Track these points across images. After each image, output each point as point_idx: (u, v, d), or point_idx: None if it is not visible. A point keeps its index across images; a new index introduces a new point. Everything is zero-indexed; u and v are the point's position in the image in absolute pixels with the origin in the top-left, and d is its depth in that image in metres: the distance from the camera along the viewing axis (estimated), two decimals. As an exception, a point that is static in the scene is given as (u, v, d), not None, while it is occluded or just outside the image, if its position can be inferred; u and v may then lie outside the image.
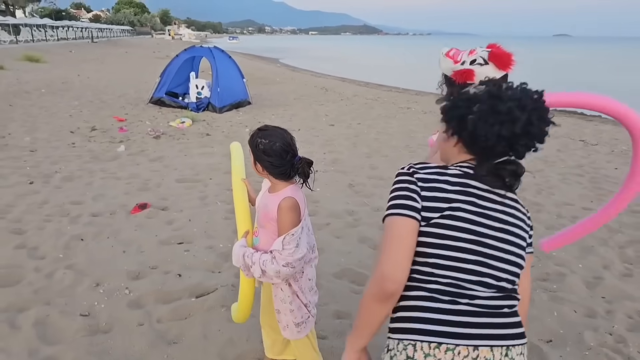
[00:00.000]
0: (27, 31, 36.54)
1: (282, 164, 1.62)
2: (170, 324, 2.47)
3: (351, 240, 3.61)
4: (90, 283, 2.86)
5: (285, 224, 1.60)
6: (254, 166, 1.67)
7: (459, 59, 1.52)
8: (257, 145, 1.62)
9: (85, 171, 5.16)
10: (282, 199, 1.62)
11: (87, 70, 16.80)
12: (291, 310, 1.74)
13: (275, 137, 1.62)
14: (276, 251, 1.59)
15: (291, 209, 1.61)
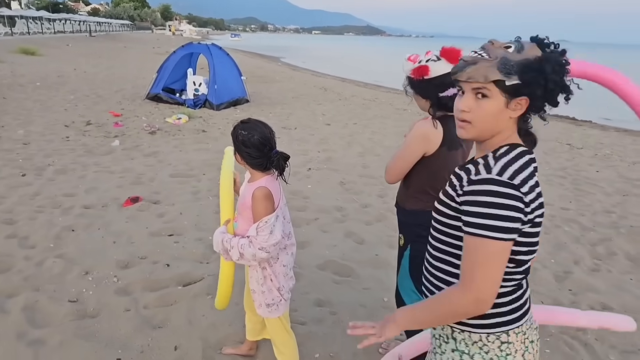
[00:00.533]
0: (22, 23, 36.60)
1: (259, 156, 1.76)
2: (156, 310, 2.60)
3: (337, 234, 3.76)
4: (79, 271, 2.98)
5: (258, 211, 1.75)
6: (235, 156, 1.82)
7: (417, 60, 1.73)
8: (237, 136, 1.77)
9: (78, 164, 5.28)
10: (256, 188, 1.77)
11: (84, 64, 16.94)
12: (262, 292, 1.90)
13: (255, 130, 1.76)
14: (252, 236, 1.74)
15: (264, 197, 1.75)
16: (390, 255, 3.41)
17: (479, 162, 1.08)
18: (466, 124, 1.08)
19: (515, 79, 1.01)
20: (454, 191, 1.10)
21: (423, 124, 1.77)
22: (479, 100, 1.05)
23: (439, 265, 1.19)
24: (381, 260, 3.36)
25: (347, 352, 2.36)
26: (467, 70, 1.04)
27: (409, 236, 1.93)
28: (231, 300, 2.65)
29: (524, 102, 1.04)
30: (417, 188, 1.87)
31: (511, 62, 1.01)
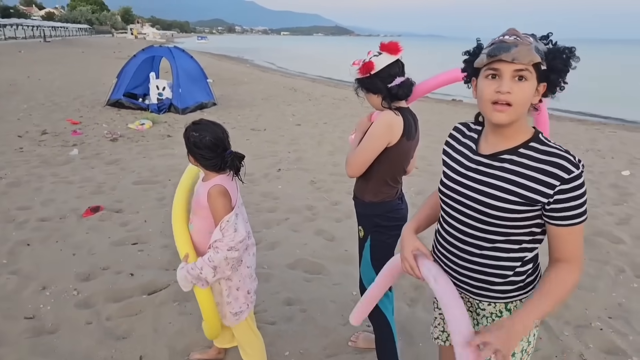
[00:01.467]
0: (-29, 30, 35.11)
1: (212, 157, 1.75)
2: (120, 321, 2.55)
3: (308, 233, 3.80)
4: (36, 287, 2.88)
5: (217, 209, 1.74)
6: (188, 157, 1.82)
7: (359, 61, 1.86)
8: (189, 137, 1.76)
9: (33, 176, 5.10)
10: (211, 186, 1.76)
11: (38, 71, 16.35)
12: (228, 303, 1.88)
13: (206, 131, 1.75)
14: (217, 241, 1.72)
15: (220, 194, 1.74)
16: (359, 249, 3.49)
17: (559, 162, 1.10)
18: (506, 107, 1.10)
19: (544, 65, 1.10)
20: (536, 192, 1.12)
21: (386, 114, 1.81)
22: (518, 82, 1.09)
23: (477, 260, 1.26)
24: (351, 255, 3.41)
25: (317, 347, 2.39)
26: (512, 51, 1.07)
27: (368, 227, 1.99)
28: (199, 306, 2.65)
29: (542, 88, 1.13)
30: (377, 180, 1.91)
31: (539, 49, 1.09)
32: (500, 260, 1.23)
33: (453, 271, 1.32)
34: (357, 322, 1.80)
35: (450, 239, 1.31)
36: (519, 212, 1.16)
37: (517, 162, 1.16)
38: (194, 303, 2.69)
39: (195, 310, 2.63)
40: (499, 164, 1.19)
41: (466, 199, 1.24)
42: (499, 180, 1.17)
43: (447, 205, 1.31)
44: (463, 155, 1.30)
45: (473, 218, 1.23)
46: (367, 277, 2.04)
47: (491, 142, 1.22)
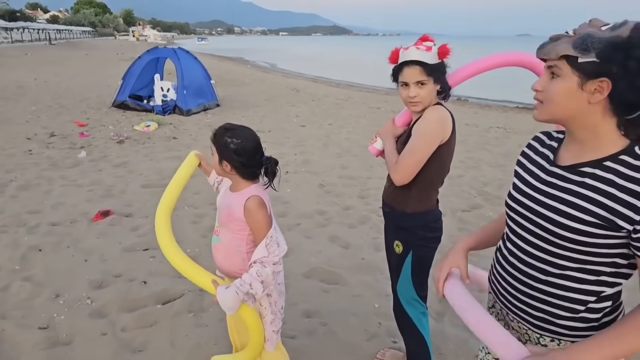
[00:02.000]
0: (-23, 33, 34.88)
1: (252, 164, 1.63)
2: (135, 332, 2.44)
3: (321, 239, 3.66)
4: (49, 294, 2.78)
5: (259, 223, 1.60)
6: (219, 165, 1.64)
7: (429, 45, 1.66)
8: (228, 144, 1.59)
9: (43, 179, 4.99)
10: (246, 198, 1.62)
11: (45, 73, 16.19)
12: (271, 321, 1.75)
13: (247, 137, 1.62)
14: (262, 258, 1.59)
15: (259, 206, 1.61)
16: (377, 258, 3.34)
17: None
18: (539, 104, 1.04)
19: (592, 56, 0.91)
20: (616, 215, 0.93)
21: (438, 109, 1.66)
22: (550, 80, 1.00)
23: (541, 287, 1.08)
24: (368, 264, 3.27)
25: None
26: (546, 47, 0.99)
27: (410, 241, 1.80)
28: (216, 317, 2.55)
29: (605, 85, 0.92)
30: (424, 185, 1.73)
31: (594, 39, 0.91)
32: (569, 291, 1.04)
33: (511, 296, 1.15)
34: None
35: (513, 260, 1.13)
36: (595, 237, 0.96)
37: (600, 177, 0.97)
38: (210, 314, 2.60)
39: (211, 321, 2.53)
40: (578, 179, 1.00)
41: (535, 215, 1.06)
42: (575, 196, 0.99)
43: (513, 221, 1.14)
44: (538, 166, 1.12)
45: (541, 238, 1.05)
46: (405, 296, 1.88)
47: (572, 152, 1.05)
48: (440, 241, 1.86)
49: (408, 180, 1.69)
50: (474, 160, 6.24)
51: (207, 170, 1.91)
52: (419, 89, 1.64)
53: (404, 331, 1.97)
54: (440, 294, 1.24)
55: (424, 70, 1.61)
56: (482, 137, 7.81)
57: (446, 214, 4.21)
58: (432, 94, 1.67)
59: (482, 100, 13.82)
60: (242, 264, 1.70)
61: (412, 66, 1.62)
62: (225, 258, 1.73)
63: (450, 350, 2.38)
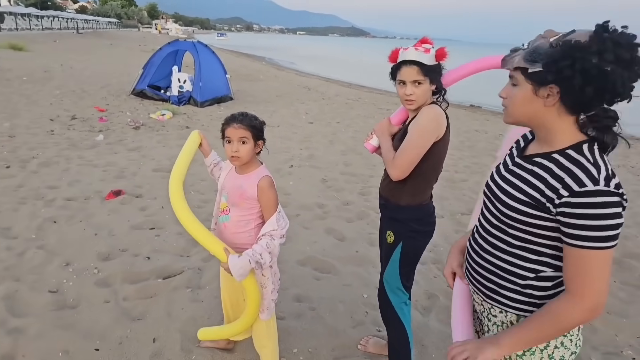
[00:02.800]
0: (11, 20, 35.45)
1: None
2: (136, 302, 2.55)
3: (318, 231, 3.73)
4: (60, 262, 2.90)
5: (271, 200, 1.74)
6: (253, 148, 1.76)
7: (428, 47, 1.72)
8: (261, 124, 1.79)
9: (62, 158, 5.14)
10: (259, 178, 1.75)
11: (70, 60, 16.45)
12: (272, 291, 1.87)
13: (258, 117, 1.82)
14: (271, 231, 1.71)
15: (271, 185, 1.76)
16: (370, 252, 3.40)
17: (576, 172, 0.99)
18: (504, 109, 1.14)
19: (539, 66, 1.01)
20: (544, 197, 1.03)
21: (433, 107, 1.71)
22: (512, 87, 1.10)
23: (492, 260, 1.19)
24: (361, 257, 3.32)
25: (326, 347, 2.31)
26: (507, 59, 1.11)
27: (401, 232, 1.84)
28: (211, 294, 2.65)
29: (555, 90, 1.01)
30: (419, 180, 1.76)
31: (541, 50, 1.01)
32: (513, 265, 1.15)
33: (472, 270, 1.27)
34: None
35: (476, 236, 1.26)
36: (531, 216, 1.06)
37: (544, 166, 1.07)
38: (206, 291, 2.70)
39: (207, 298, 2.63)
40: (529, 166, 1.12)
41: (493, 197, 1.20)
42: (521, 180, 1.11)
43: (483, 203, 1.27)
44: (511, 156, 1.24)
45: (495, 217, 1.17)
46: (391, 285, 1.92)
47: (535, 145, 1.16)
48: (432, 236, 1.90)
49: (405, 175, 1.73)
50: (479, 165, 6.19)
51: (206, 151, 1.99)
52: (415, 87, 1.69)
53: (385, 318, 2.01)
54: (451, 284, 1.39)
55: (421, 70, 1.66)
56: (491, 144, 7.71)
57: (445, 216, 4.20)
58: (427, 94, 1.71)
59: (494, 107, 13.49)
60: (248, 238, 1.81)
61: (410, 66, 1.67)
62: (234, 233, 1.83)
63: (432, 342, 2.43)
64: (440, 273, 3.17)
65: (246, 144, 1.73)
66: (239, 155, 1.73)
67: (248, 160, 1.77)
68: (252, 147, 1.74)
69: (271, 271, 1.86)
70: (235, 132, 1.72)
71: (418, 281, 2.99)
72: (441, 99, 1.80)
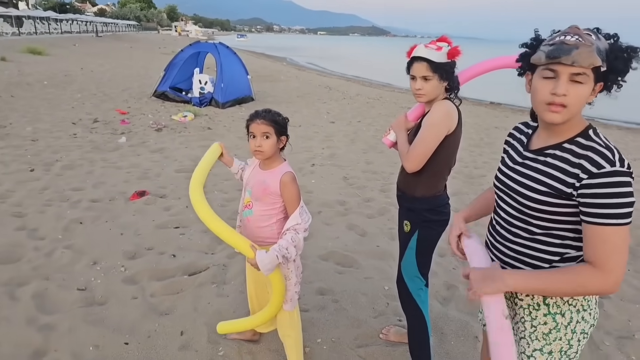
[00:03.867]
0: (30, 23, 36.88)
1: None
2: (163, 298, 2.66)
3: (340, 227, 3.82)
4: (87, 261, 3.05)
5: (293, 195, 1.84)
6: (276, 144, 1.85)
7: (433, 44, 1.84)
8: (283, 119, 1.88)
9: (86, 160, 5.37)
10: (282, 174, 1.85)
11: (90, 63, 17.11)
12: (295, 283, 1.98)
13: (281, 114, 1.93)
14: (295, 225, 1.80)
15: (293, 180, 1.86)
16: (391, 246, 3.47)
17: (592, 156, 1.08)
18: (561, 108, 1.10)
19: (605, 65, 1.08)
20: (565, 185, 1.11)
21: (445, 102, 1.83)
22: (573, 84, 1.08)
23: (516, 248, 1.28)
24: (383, 251, 3.41)
25: (348, 337, 2.42)
26: (572, 54, 1.05)
27: (416, 222, 1.96)
28: (237, 289, 2.75)
29: (599, 87, 1.11)
30: (432, 172, 1.89)
31: (601, 49, 1.07)
32: (538, 251, 1.24)
33: (498, 257, 1.35)
34: None
35: (498, 228, 1.35)
36: (552, 205, 1.15)
37: (558, 156, 1.17)
38: (231, 286, 2.80)
39: (232, 292, 2.73)
40: (542, 158, 1.21)
41: (511, 190, 1.27)
42: (538, 173, 1.19)
43: (497, 197, 1.36)
44: (515, 150, 1.34)
45: (515, 209, 1.26)
46: (408, 272, 2.03)
47: (542, 138, 1.24)
48: (447, 225, 1.99)
49: (418, 168, 1.85)
50: (498, 162, 6.18)
51: (228, 161, 2.09)
52: (424, 82, 1.82)
53: (404, 304, 2.11)
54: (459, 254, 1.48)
55: (429, 66, 1.78)
56: None
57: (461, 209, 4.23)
58: (436, 89, 1.83)
59: (514, 104, 13.54)
60: (270, 233, 1.91)
61: (419, 62, 1.81)
62: (257, 227, 1.93)
63: (451, 330, 2.52)
64: (459, 264, 3.25)
65: (269, 138, 1.83)
66: (261, 150, 1.83)
67: (271, 154, 1.86)
68: (274, 142, 1.84)
69: (294, 265, 1.96)
70: (258, 127, 1.82)
71: (437, 273, 3.10)
72: (453, 95, 1.90)
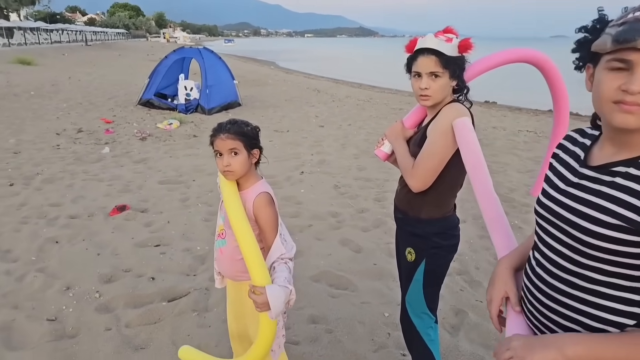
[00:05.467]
0: (20, 34, 36.27)
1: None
2: (139, 329, 2.40)
3: (332, 242, 3.53)
4: (60, 286, 2.78)
5: (269, 220, 1.55)
6: (248, 159, 1.55)
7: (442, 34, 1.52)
8: (252, 130, 1.58)
9: (67, 173, 5.08)
10: (255, 195, 1.55)
11: (78, 72, 16.69)
12: (282, 326, 1.66)
13: (250, 123, 1.61)
14: (281, 256, 1.52)
15: (269, 203, 1.56)
16: (389, 264, 3.17)
17: None
18: (637, 108, 0.80)
19: None
20: (637, 212, 0.80)
21: (456, 107, 1.52)
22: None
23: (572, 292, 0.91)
24: (380, 270, 3.11)
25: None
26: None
27: (423, 249, 1.65)
28: (219, 318, 2.48)
29: None
30: (442, 189, 1.58)
31: None
32: (602, 309, 0.88)
33: (538, 312, 0.98)
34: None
35: (540, 271, 0.98)
36: (625, 244, 0.81)
37: (633, 176, 0.82)
38: (214, 314, 2.53)
39: (214, 322, 2.46)
40: (609, 179, 0.86)
41: (560, 220, 0.92)
42: (603, 198, 0.85)
43: (541, 228, 1.00)
44: (568, 167, 0.97)
45: (568, 246, 0.91)
46: (415, 309, 1.73)
47: (607, 151, 0.90)
48: (457, 250, 1.72)
49: (427, 186, 1.54)
50: (500, 164, 5.91)
51: None
52: (431, 81, 1.49)
53: (411, 345, 1.82)
54: (498, 329, 1.08)
55: (439, 61, 1.46)
56: (510, 141, 7.41)
57: (467, 220, 3.95)
58: (445, 90, 1.52)
59: (511, 102, 13.09)
60: (245, 265, 1.59)
61: (427, 55, 1.48)
62: (231, 260, 1.65)
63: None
64: (467, 285, 2.94)
65: (238, 155, 1.51)
66: (231, 170, 1.52)
67: (243, 173, 1.56)
68: (245, 158, 1.53)
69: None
70: (223, 143, 1.50)
71: (443, 295, 2.72)
72: (463, 97, 1.60)
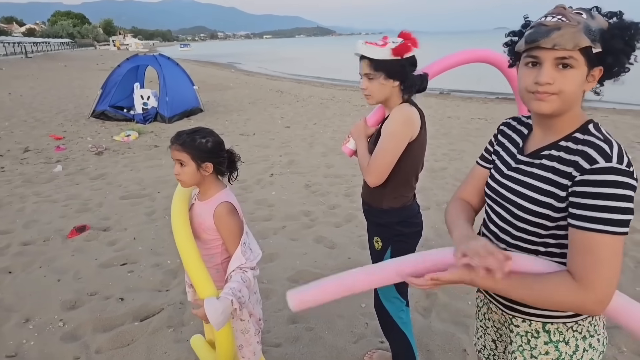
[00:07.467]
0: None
1: (224, 159, 1.61)
2: (111, 353, 2.29)
3: (307, 241, 3.56)
4: (18, 319, 2.62)
5: (231, 231, 1.56)
6: (197, 171, 1.55)
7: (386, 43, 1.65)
8: (204, 144, 1.54)
9: (15, 197, 4.79)
10: (216, 205, 1.56)
11: (19, 87, 15.80)
12: (256, 333, 1.67)
13: (212, 132, 1.60)
14: (241, 265, 1.53)
15: (230, 212, 1.57)
16: (362, 256, 3.26)
17: (587, 151, 0.93)
18: (548, 96, 0.94)
19: (599, 46, 0.92)
20: (559, 187, 0.96)
21: (403, 107, 1.65)
22: (561, 70, 0.93)
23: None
24: (355, 262, 3.17)
25: (329, 371, 2.16)
26: (552, 36, 0.91)
27: (387, 237, 1.78)
28: (197, 330, 2.42)
29: (597, 73, 0.96)
30: (398, 182, 1.71)
31: (592, 29, 0.92)
32: None
33: None
34: (297, 307, 1.13)
35: None
36: (553, 219, 0.97)
37: (554, 156, 0.99)
38: (190, 328, 2.47)
39: (191, 335, 2.37)
40: (537, 161, 1.03)
41: (504, 200, 1.09)
42: (532, 177, 1.02)
43: (489, 207, 1.15)
44: (510, 154, 1.14)
45: (510, 223, 1.07)
46: (386, 294, 1.83)
47: (537, 138, 1.07)
48: (421, 235, 1.83)
49: (381, 181, 1.68)
50: (456, 152, 6.30)
51: None
52: (367, 82, 1.66)
53: (386, 330, 1.92)
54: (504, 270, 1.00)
55: (370, 64, 1.62)
56: (464, 129, 7.93)
57: (431, 207, 4.18)
58: (384, 89, 1.65)
59: (464, 93, 13.99)
60: (217, 276, 1.62)
61: (362, 59, 1.65)
62: None
63: (437, 346, 2.32)
64: None
65: (184, 166, 1.54)
66: (180, 179, 1.58)
67: (193, 183, 1.59)
68: (193, 170, 1.54)
69: (247, 314, 1.63)
70: (173, 153, 1.56)
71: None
72: (407, 94, 1.70)
